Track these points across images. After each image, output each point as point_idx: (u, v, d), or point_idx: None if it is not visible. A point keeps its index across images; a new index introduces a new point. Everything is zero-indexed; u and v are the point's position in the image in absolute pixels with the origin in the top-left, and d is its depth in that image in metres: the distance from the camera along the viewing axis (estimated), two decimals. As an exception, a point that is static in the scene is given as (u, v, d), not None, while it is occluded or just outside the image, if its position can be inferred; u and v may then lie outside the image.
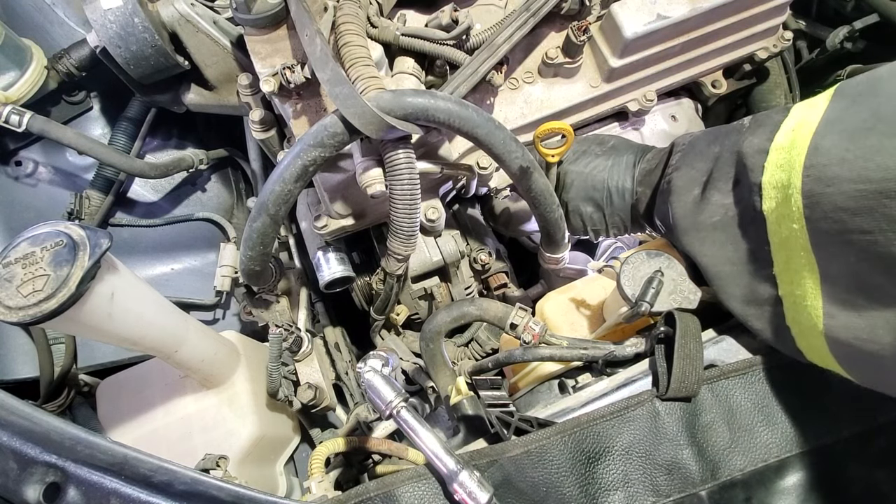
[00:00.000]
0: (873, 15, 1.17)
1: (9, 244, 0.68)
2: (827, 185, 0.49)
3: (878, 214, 0.45)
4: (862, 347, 0.50)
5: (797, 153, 0.52)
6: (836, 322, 0.51)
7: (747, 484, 0.59)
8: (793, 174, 0.52)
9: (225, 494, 0.54)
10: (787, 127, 0.56)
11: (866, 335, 0.49)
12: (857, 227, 0.47)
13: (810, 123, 0.52)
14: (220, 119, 1.27)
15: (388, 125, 0.69)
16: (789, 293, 0.57)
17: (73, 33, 1.21)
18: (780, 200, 0.54)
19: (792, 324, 0.58)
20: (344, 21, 0.78)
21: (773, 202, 0.55)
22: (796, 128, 0.54)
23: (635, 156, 0.87)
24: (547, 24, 0.98)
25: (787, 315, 0.58)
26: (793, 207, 0.52)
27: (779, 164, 0.54)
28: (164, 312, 0.89)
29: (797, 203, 0.51)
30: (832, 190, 0.48)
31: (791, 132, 0.55)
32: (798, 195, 0.51)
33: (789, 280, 0.56)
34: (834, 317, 0.52)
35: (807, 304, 0.54)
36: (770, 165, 0.56)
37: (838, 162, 0.48)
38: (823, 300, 0.52)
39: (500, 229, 1.15)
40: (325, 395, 1.10)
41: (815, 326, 0.53)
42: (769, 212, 0.56)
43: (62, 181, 1.32)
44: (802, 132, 0.53)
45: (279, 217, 0.77)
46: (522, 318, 0.73)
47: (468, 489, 0.54)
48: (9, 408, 0.57)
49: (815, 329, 0.54)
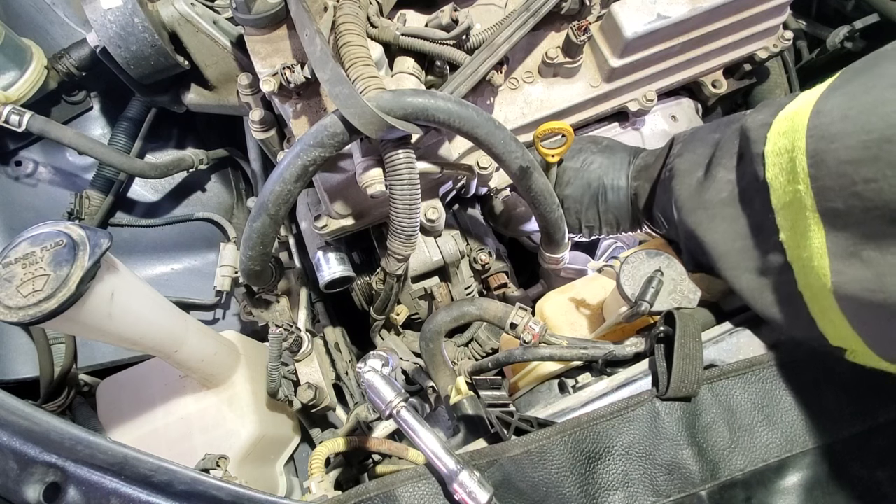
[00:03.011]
0: (873, 15, 1.17)
1: (9, 244, 0.68)
2: (830, 142, 0.49)
3: (881, 162, 0.46)
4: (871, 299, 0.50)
5: (800, 119, 0.53)
6: (845, 278, 0.52)
7: (747, 484, 0.59)
8: (796, 137, 0.53)
9: (225, 494, 0.54)
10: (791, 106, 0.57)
11: (875, 285, 0.49)
12: (862, 177, 0.47)
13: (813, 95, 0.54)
14: (220, 119, 1.27)
15: (388, 125, 0.69)
16: (797, 257, 0.57)
17: (73, 33, 1.22)
18: (784, 165, 0.55)
19: (804, 289, 0.57)
20: (344, 21, 0.78)
21: (777, 168, 0.56)
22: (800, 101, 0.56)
23: (629, 155, 0.89)
24: (547, 24, 0.98)
25: (798, 281, 0.58)
26: (798, 169, 0.53)
27: (781, 132, 0.56)
28: (164, 312, 0.89)
29: (802, 164, 0.52)
30: (836, 145, 0.49)
31: (794, 104, 0.56)
32: (802, 156, 0.52)
33: (796, 244, 0.57)
34: (842, 273, 0.52)
35: (815, 266, 0.54)
36: (773, 134, 0.57)
37: (841, 119, 0.49)
38: (830, 258, 0.52)
39: (500, 229, 1.15)
40: (325, 395, 1.10)
41: (825, 286, 0.53)
42: (773, 179, 0.57)
43: (62, 181, 1.32)
44: (805, 103, 0.54)
45: (279, 217, 0.77)
46: (522, 318, 0.73)
47: (468, 489, 0.54)
48: (9, 408, 0.57)
49: (825, 289, 0.54)
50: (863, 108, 0.48)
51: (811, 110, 0.53)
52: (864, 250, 0.50)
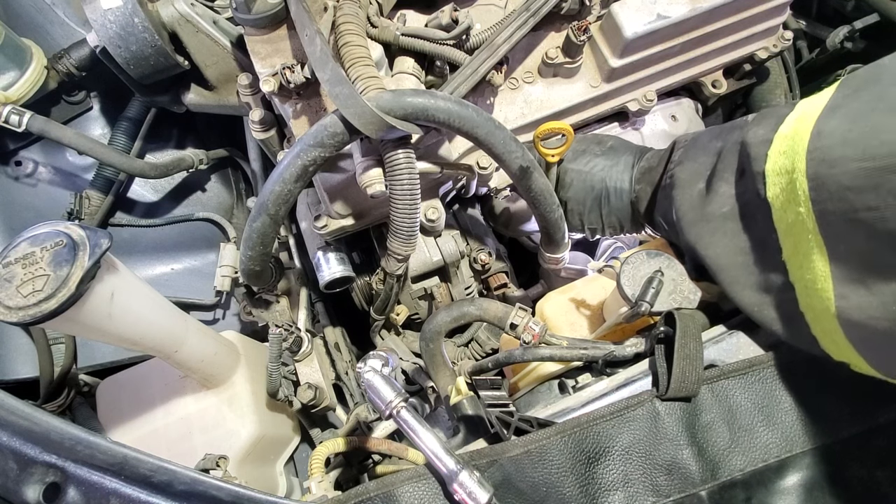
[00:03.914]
0: (873, 15, 1.17)
1: (9, 244, 0.68)
2: (831, 167, 0.49)
3: (883, 190, 0.45)
4: (876, 327, 0.49)
5: (800, 138, 0.52)
6: (849, 303, 0.51)
7: (747, 484, 0.59)
8: (796, 159, 0.52)
9: (225, 494, 0.54)
10: (791, 118, 0.56)
11: (879, 313, 0.48)
12: (864, 204, 0.47)
13: (814, 111, 0.53)
14: (220, 119, 1.27)
15: (388, 125, 0.69)
16: (800, 278, 0.56)
17: (73, 33, 1.21)
18: (785, 186, 0.54)
19: (806, 310, 0.57)
20: (344, 21, 0.78)
21: (777, 188, 0.56)
22: (799, 118, 0.55)
23: (633, 157, 0.87)
24: (547, 24, 0.98)
25: (800, 301, 0.57)
26: (798, 191, 0.52)
27: (782, 151, 0.55)
28: (164, 312, 0.89)
29: (802, 186, 0.52)
30: (837, 170, 0.48)
31: (794, 122, 0.55)
32: (803, 178, 0.51)
33: (798, 265, 0.56)
34: (846, 297, 0.51)
35: (818, 288, 0.54)
36: (773, 153, 0.56)
37: (841, 143, 0.48)
38: (834, 282, 0.52)
39: (500, 229, 1.15)
40: (325, 395, 1.10)
41: (828, 309, 0.53)
42: (773, 198, 0.57)
43: (62, 181, 1.32)
44: (805, 120, 0.53)
45: (279, 217, 0.77)
46: (522, 318, 0.73)
47: (468, 489, 0.54)
48: (9, 408, 0.57)
49: (828, 312, 0.53)
50: (863, 133, 0.47)
51: (812, 130, 0.52)
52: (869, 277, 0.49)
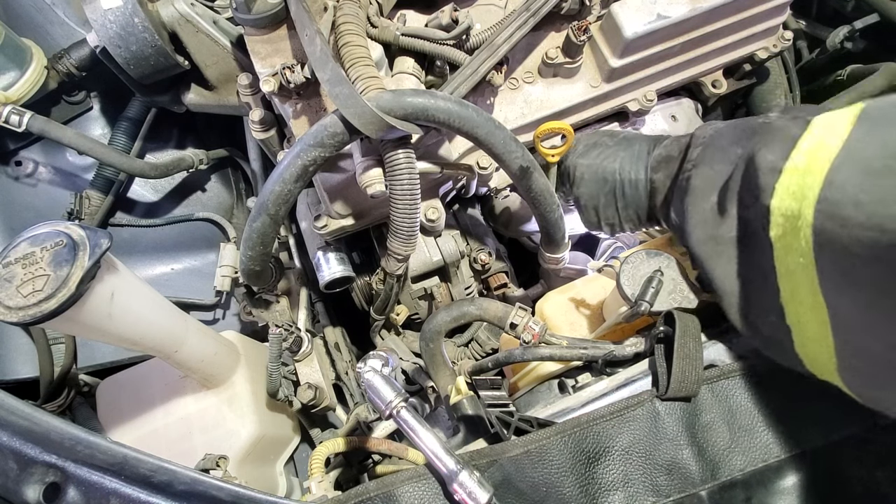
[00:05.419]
0: (873, 15, 1.17)
1: (9, 244, 0.68)
2: (840, 226, 0.45)
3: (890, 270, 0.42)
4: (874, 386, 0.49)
5: (810, 182, 0.49)
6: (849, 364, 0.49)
7: (747, 484, 0.59)
8: (804, 205, 0.49)
9: (225, 494, 0.54)
10: (803, 147, 0.52)
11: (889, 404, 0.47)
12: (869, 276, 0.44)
13: (829, 149, 0.49)
14: (220, 119, 1.27)
15: (388, 125, 0.69)
16: (796, 322, 0.55)
17: (73, 33, 1.21)
18: (789, 230, 0.52)
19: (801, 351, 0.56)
20: (344, 21, 0.78)
21: (781, 230, 0.53)
22: (813, 151, 0.51)
23: (648, 145, 0.82)
24: (547, 24, 0.98)
25: (795, 342, 0.56)
26: (801, 241, 0.49)
27: (791, 191, 0.51)
28: (164, 312, 0.89)
29: (806, 237, 0.49)
30: (844, 232, 0.45)
31: (806, 155, 0.51)
32: (808, 230, 0.48)
33: (795, 311, 0.54)
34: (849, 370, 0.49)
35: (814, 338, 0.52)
36: (781, 189, 0.53)
37: (853, 204, 0.44)
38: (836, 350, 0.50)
39: (500, 229, 1.15)
40: (325, 395, 1.10)
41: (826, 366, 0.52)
42: (776, 238, 0.54)
43: (62, 181, 1.32)
44: (819, 158, 0.49)
45: (279, 217, 0.77)
46: (522, 318, 0.73)
47: (468, 489, 0.54)
48: (9, 408, 0.57)
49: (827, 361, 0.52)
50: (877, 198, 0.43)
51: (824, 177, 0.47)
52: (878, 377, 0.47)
